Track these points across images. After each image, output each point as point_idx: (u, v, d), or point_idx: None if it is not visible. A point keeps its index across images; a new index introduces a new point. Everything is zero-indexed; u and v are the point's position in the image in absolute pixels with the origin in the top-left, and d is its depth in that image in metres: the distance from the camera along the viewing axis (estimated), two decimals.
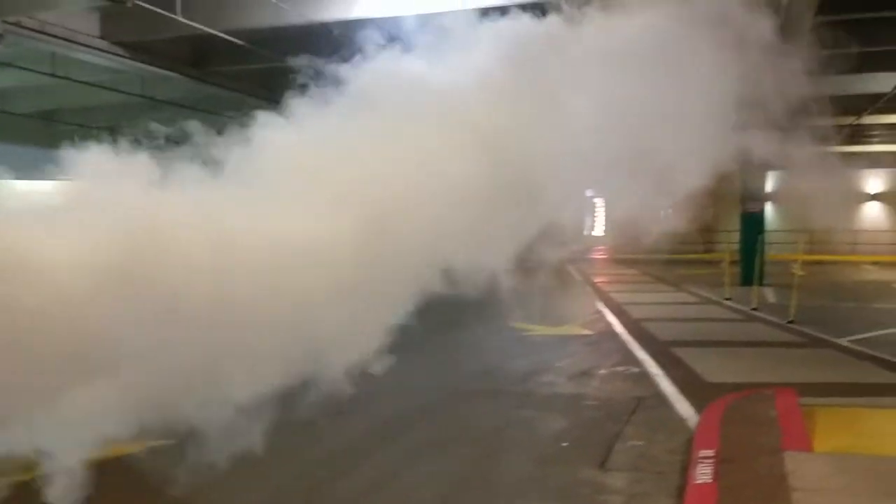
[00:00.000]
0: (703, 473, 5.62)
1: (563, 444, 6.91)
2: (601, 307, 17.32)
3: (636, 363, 10.62)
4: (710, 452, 6.04)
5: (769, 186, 27.76)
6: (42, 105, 22.79)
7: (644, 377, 9.71)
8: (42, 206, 3.65)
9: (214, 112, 18.27)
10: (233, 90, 19.41)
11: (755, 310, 16.57)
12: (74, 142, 3.77)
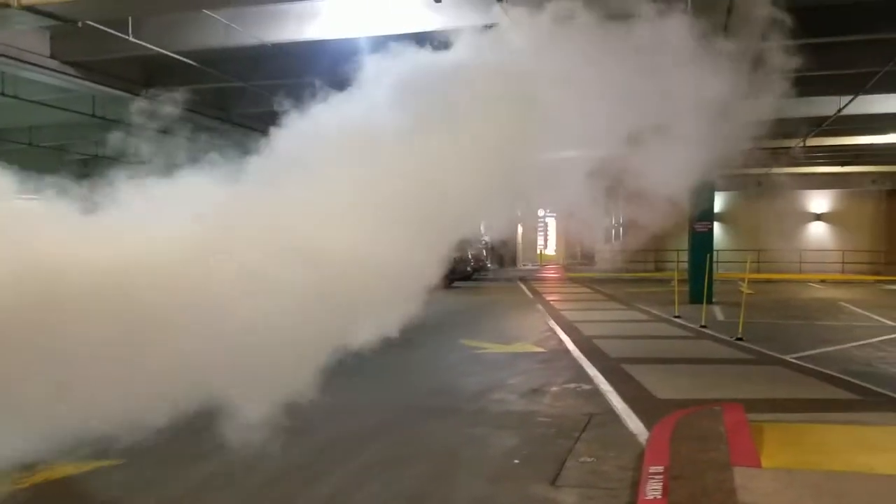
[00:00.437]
0: (654, 489, 5.68)
1: (515, 462, 6.93)
2: (553, 325, 17.43)
3: (587, 380, 10.68)
4: (660, 468, 6.10)
5: (717, 206, 28.19)
6: None
7: (595, 394, 9.77)
8: None
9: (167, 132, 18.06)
10: (186, 109, 19.20)
11: (704, 327, 16.78)
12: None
